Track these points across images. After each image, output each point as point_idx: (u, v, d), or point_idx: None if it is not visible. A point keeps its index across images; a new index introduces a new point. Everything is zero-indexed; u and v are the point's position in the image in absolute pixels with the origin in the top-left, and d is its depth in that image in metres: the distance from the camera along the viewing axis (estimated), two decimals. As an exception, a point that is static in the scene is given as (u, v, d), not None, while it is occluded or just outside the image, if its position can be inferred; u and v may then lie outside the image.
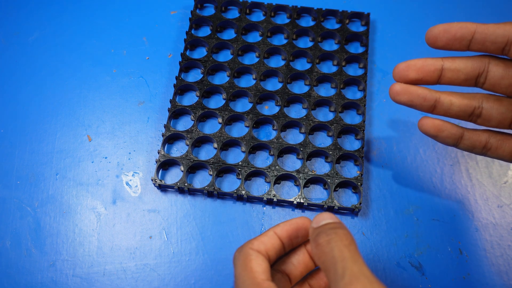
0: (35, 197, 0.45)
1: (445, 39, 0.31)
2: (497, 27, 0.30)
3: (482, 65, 0.32)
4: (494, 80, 0.32)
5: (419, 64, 0.33)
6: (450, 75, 0.33)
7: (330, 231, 0.28)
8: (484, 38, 0.31)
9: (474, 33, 0.31)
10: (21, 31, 0.55)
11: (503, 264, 0.41)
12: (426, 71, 0.33)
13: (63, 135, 0.48)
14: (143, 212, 0.44)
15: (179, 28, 0.55)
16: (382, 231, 0.43)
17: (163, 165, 0.45)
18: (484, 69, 0.32)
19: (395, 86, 0.34)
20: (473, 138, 0.34)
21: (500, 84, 0.32)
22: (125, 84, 0.51)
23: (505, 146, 0.34)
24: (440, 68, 0.33)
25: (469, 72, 0.32)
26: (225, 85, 0.49)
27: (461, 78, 0.33)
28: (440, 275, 0.41)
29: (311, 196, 0.45)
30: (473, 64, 0.32)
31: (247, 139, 0.46)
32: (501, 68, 0.32)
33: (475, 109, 0.33)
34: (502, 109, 0.33)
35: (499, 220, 0.43)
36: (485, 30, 0.31)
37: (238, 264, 0.30)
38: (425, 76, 0.33)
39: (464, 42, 0.31)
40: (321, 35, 0.53)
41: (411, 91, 0.33)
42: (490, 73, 0.32)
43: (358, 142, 0.47)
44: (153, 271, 0.41)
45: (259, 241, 0.30)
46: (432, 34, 0.32)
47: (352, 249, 0.27)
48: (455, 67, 0.32)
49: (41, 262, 0.42)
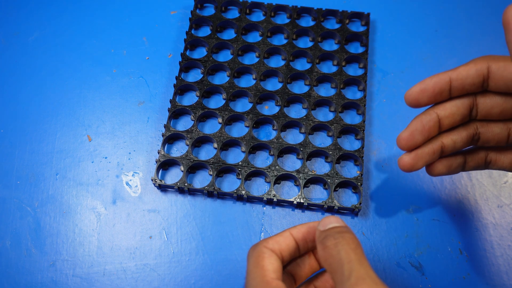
0: (35, 197, 0.45)
1: (426, 98, 0.33)
2: (468, 68, 0.32)
3: (471, 101, 0.33)
4: (485, 111, 0.33)
5: (419, 126, 0.34)
6: (447, 122, 0.34)
7: (338, 235, 0.28)
8: (461, 84, 0.32)
9: (450, 82, 0.32)
10: (21, 31, 0.55)
11: (503, 264, 0.41)
12: (427, 128, 0.34)
13: (63, 135, 0.48)
14: (143, 212, 0.44)
15: (179, 28, 0.55)
16: (382, 231, 0.43)
17: (163, 165, 0.45)
18: (473, 103, 0.33)
19: (404, 158, 0.34)
20: (475, 159, 0.36)
21: (491, 114, 0.33)
22: (125, 84, 0.51)
23: (504, 158, 0.36)
24: (437, 120, 0.34)
25: (462, 112, 0.34)
26: (225, 85, 0.49)
27: (458, 120, 0.34)
28: (440, 275, 0.41)
29: (311, 196, 0.45)
30: (463, 103, 0.33)
31: (247, 139, 0.46)
32: (488, 99, 0.33)
33: (474, 135, 0.35)
34: (497, 130, 0.34)
35: (499, 220, 0.43)
36: (459, 76, 0.32)
37: (250, 261, 0.30)
38: (429, 134, 0.34)
39: (444, 94, 0.33)
40: (321, 35, 0.53)
41: (420, 155, 0.34)
42: (479, 105, 0.33)
43: (358, 142, 0.47)
44: (153, 271, 0.41)
45: (274, 240, 0.31)
46: (412, 97, 0.33)
47: (359, 252, 0.27)
48: (449, 113, 0.34)
49: (41, 262, 0.42)
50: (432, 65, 0.52)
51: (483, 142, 0.35)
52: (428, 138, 0.34)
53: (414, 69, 0.52)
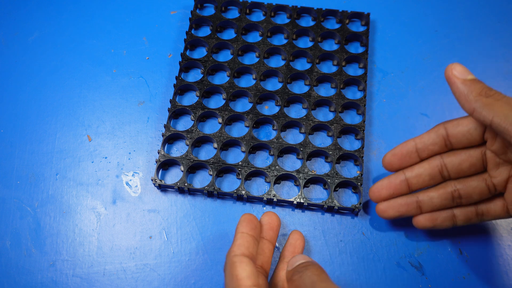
0: (35, 197, 0.45)
1: (398, 161, 0.39)
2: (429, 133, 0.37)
3: (438, 162, 0.37)
4: (455, 168, 0.37)
5: (385, 184, 0.39)
6: (415, 181, 0.38)
7: (302, 269, 0.32)
8: (424, 146, 0.37)
9: (415, 146, 0.38)
10: (21, 31, 0.55)
11: (503, 264, 0.41)
12: (393, 186, 0.39)
13: (63, 135, 0.48)
14: (143, 212, 0.44)
15: (179, 28, 0.55)
16: (382, 231, 0.43)
17: (163, 165, 0.45)
18: (441, 164, 0.37)
19: (380, 206, 0.40)
20: (465, 213, 0.38)
21: (463, 170, 0.37)
22: (125, 84, 0.51)
23: (494, 207, 0.37)
24: (404, 179, 0.38)
25: (429, 172, 0.38)
26: (225, 85, 0.49)
27: (426, 180, 0.38)
28: (440, 275, 0.41)
29: (311, 196, 0.45)
30: (430, 165, 0.38)
31: (247, 139, 0.46)
32: (454, 157, 0.37)
33: (453, 192, 0.37)
34: (474, 184, 0.37)
35: (499, 220, 0.43)
36: (422, 140, 0.38)
37: (226, 274, 0.32)
38: (395, 190, 0.39)
39: (413, 156, 0.38)
40: (321, 35, 0.53)
41: (393, 205, 0.39)
42: (448, 165, 0.37)
43: (358, 142, 0.47)
44: (153, 271, 0.41)
45: (236, 246, 0.33)
46: (386, 161, 0.39)
47: (323, 276, 0.30)
48: (416, 173, 0.38)
49: (41, 262, 0.42)
50: (432, 65, 0.52)
51: (467, 198, 0.37)
52: (395, 195, 0.39)
53: (414, 69, 0.52)
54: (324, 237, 0.43)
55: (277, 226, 0.38)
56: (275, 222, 0.38)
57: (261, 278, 0.33)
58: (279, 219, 0.38)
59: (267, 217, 0.38)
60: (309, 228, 0.43)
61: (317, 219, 0.44)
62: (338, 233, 0.43)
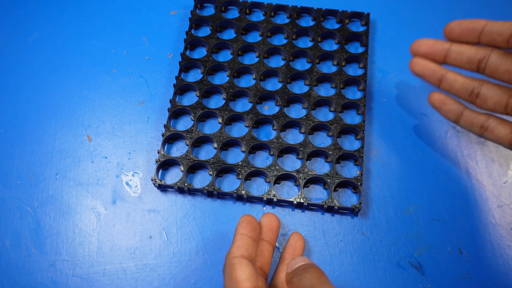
0: (35, 197, 0.45)
1: (459, 30, 0.37)
2: (504, 23, 0.35)
3: (484, 52, 0.36)
4: (493, 65, 0.36)
5: (430, 43, 0.38)
6: (454, 56, 0.37)
7: (301, 271, 0.31)
8: (491, 30, 0.35)
9: (484, 26, 0.35)
10: (21, 31, 0.55)
11: (503, 264, 0.41)
12: (434, 48, 0.38)
13: (63, 135, 0.48)
14: (143, 212, 0.44)
15: (179, 28, 0.55)
16: (382, 231, 0.43)
17: (163, 165, 0.45)
18: (486, 56, 0.36)
19: (413, 59, 0.39)
20: (472, 116, 0.38)
21: (498, 70, 0.35)
22: (125, 84, 0.51)
23: (501, 128, 0.37)
24: (447, 48, 0.37)
25: (471, 56, 0.36)
26: (225, 85, 0.49)
27: (464, 60, 0.37)
28: (440, 275, 0.41)
29: (311, 196, 0.45)
30: (476, 50, 0.36)
31: (247, 139, 0.46)
32: (500, 56, 0.35)
33: (474, 88, 0.37)
34: (498, 92, 0.36)
35: (499, 220, 0.43)
36: (493, 24, 0.35)
37: (225, 276, 0.32)
38: (433, 52, 0.38)
39: (475, 34, 0.36)
40: (321, 35, 0.53)
41: (423, 64, 0.39)
42: (490, 59, 0.36)
43: (358, 142, 0.47)
44: (153, 271, 0.41)
45: (235, 247, 0.33)
46: (450, 27, 0.37)
47: (323, 279, 0.30)
48: (460, 50, 0.37)
49: (41, 262, 0.42)
50: (432, 65, 0.52)
51: (481, 100, 0.37)
52: (430, 56, 0.38)
53: (414, 69, 0.52)
54: (324, 237, 0.43)
55: (277, 228, 0.38)
56: (275, 223, 0.38)
57: (261, 280, 0.33)
58: (279, 220, 0.38)
59: (267, 218, 0.38)
60: (309, 228, 0.43)
61: (317, 219, 0.44)
62: (338, 233, 0.43)
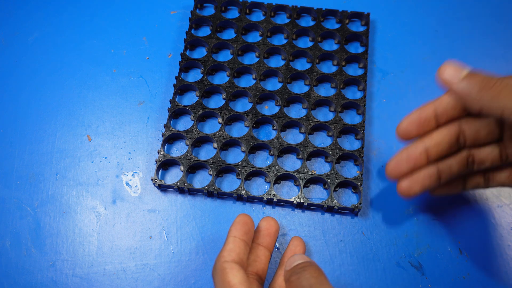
0: (35, 197, 0.45)
1: (415, 129, 0.35)
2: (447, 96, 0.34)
3: (456, 128, 0.35)
4: (472, 135, 0.35)
5: (404, 157, 0.35)
6: (435, 151, 0.35)
7: (300, 270, 0.31)
8: (445, 111, 0.34)
9: (435, 110, 0.34)
10: (21, 31, 0.55)
11: (503, 264, 0.41)
12: (413, 157, 0.35)
13: (63, 135, 0.48)
14: (143, 212, 0.44)
15: (179, 28, 0.55)
16: (382, 231, 0.43)
17: (163, 165, 0.45)
18: (459, 130, 0.35)
19: (401, 185, 0.36)
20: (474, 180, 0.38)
21: (480, 137, 0.35)
22: (125, 84, 0.51)
23: (500, 174, 0.37)
24: (424, 150, 0.35)
25: (448, 139, 0.35)
26: (225, 85, 0.49)
27: (445, 149, 0.35)
28: (440, 275, 0.41)
29: (311, 196, 0.45)
30: (449, 131, 0.35)
31: (247, 139, 0.46)
32: (472, 123, 0.35)
33: (468, 157, 0.36)
34: (488, 150, 0.36)
35: (499, 220, 0.43)
36: (442, 104, 0.34)
37: (216, 281, 0.31)
38: (416, 163, 0.35)
39: (431, 121, 0.34)
40: (321, 35, 0.53)
41: (417, 180, 0.35)
42: (466, 131, 0.35)
43: (358, 142, 0.47)
44: (153, 271, 0.41)
45: (227, 251, 0.32)
46: (402, 129, 0.35)
47: (322, 278, 0.30)
48: (435, 142, 0.35)
49: (41, 262, 0.42)
50: (432, 65, 0.52)
51: (479, 164, 0.36)
52: (415, 167, 0.35)
53: (414, 69, 0.52)
54: (324, 237, 0.43)
55: (275, 232, 0.37)
56: (273, 227, 0.37)
57: (255, 285, 0.33)
58: (278, 224, 0.38)
59: (265, 222, 0.37)
60: (309, 228, 0.43)
61: (317, 219, 0.44)
62: (338, 233, 0.43)
